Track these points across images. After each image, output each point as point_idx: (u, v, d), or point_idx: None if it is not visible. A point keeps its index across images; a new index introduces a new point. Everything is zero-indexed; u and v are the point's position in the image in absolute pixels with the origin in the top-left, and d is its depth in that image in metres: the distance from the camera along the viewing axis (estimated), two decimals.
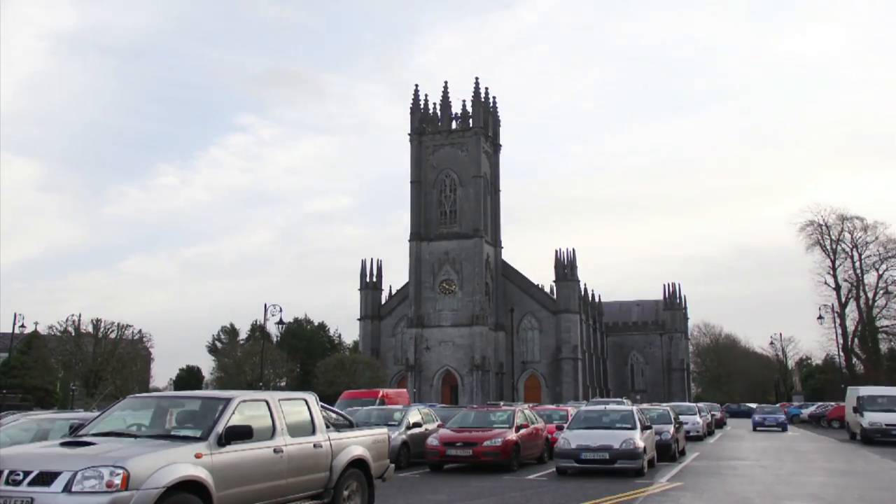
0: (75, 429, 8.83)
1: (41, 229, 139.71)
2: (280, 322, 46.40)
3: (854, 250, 62.96)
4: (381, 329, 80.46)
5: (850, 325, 63.40)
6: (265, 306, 43.86)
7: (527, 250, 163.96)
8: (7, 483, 7.04)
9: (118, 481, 6.86)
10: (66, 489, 6.84)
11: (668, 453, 20.25)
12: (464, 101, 78.92)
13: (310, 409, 9.82)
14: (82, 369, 51.77)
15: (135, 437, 8.24)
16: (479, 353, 72.42)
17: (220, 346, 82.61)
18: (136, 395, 10.77)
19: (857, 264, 62.61)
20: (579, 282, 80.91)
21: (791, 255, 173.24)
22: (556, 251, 78.79)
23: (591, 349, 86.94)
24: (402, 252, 77.53)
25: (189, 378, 78.80)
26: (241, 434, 8.18)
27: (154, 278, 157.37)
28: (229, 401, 8.65)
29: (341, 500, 9.77)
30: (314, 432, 9.60)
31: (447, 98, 79.29)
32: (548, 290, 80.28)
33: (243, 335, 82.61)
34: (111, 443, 7.77)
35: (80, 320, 52.97)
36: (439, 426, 20.85)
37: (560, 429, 19.90)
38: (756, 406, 56.92)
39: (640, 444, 16.55)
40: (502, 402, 44.46)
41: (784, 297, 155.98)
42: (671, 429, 20.99)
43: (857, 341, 63.55)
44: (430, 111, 79.55)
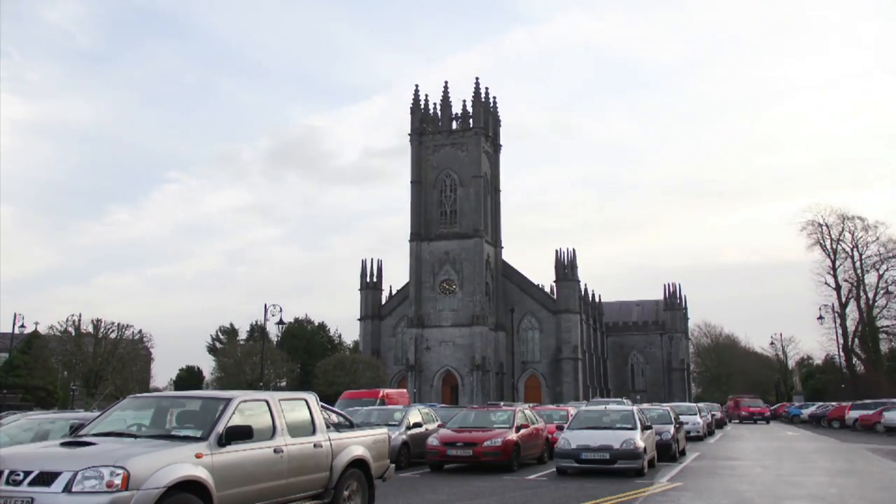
0: (75, 429, 8.82)
1: (21, 254, 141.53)
2: (280, 322, 46.46)
3: (854, 250, 63.02)
4: (382, 329, 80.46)
5: (851, 325, 63.44)
6: (265, 306, 43.93)
7: (527, 250, 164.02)
8: (7, 483, 7.03)
9: (118, 481, 6.85)
10: (67, 489, 6.84)
11: (668, 453, 20.23)
12: (464, 101, 79.05)
13: (310, 409, 9.82)
14: (82, 369, 51.79)
15: (135, 437, 8.23)
16: (480, 353, 72.42)
17: (219, 346, 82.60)
18: (137, 395, 10.76)
19: (858, 264, 62.67)
20: (579, 282, 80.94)
21: (791, 255, 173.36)
22: (557, 251, 78.95)
23: (591, 349, 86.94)
24: (403, 252, 77.69)
25: (189, 378, 78.76)
26: (241, 434, 8.17)
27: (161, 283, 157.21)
28: (229, 401, 8.65)
29: (341, 500, 9.76)
30: (314, 432, 9.60)
31: (447, 98, 79.31)
32: (548, 290, 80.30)
33: (243, 335, 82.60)
34: (111, 443, 7.77)
35: (80, 320, 53.06)
36: (439, 426, 20.84)
37: (560, 429, 19.90)
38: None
39: (641, 445, 16.54)
40: (502, 403, 44.45)
41: (784, 297, 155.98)
42: (671, 429, 20.97)
43: (857, 341, 63.58)
44: (431, 111, 79.58)
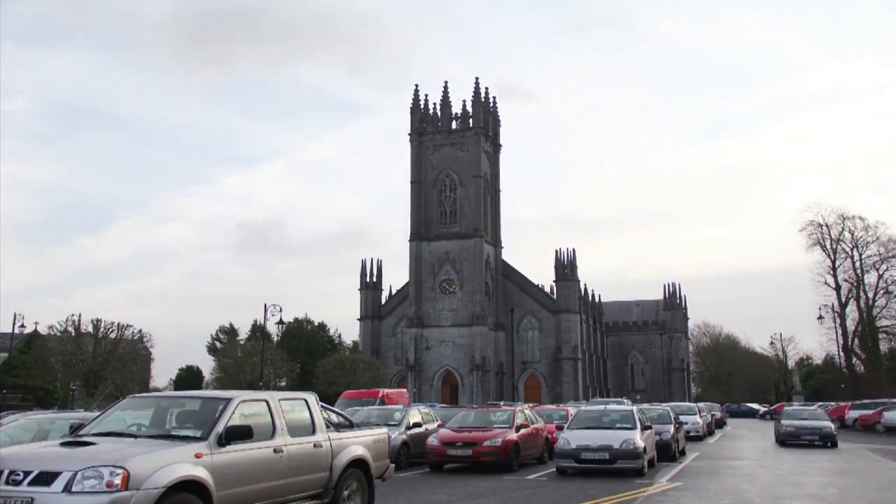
0: (75, 429, 8.82)
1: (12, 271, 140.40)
2: (280, 322, 46.44)
3: (854, 250, 63.03)
4: (381, 329, 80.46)
5: (851, 325, 63.44)
6: (265, 306, 43.92)
7: (527, 250, 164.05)
8: (7, 483, 7.03)
9: (118, 481, 6.85)
10: (67, 489, 6.84)
11: (668, 453, 20.24)
12: (464, 101, 79.00)
13: (310, 409, 9.82)
14: (82, 369, 51.76)
15: (135, 437, 8.23)
16: (479, 353, 72.41)
17: (219, 346, 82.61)
18: (136, 395, 10.76)
19: (858, 264, 62.69)
20: (579, 282, 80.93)
21: (791, 255, 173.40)
22: (556, 251, 78.93)
23: (591, 349, 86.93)
24: (403, 252, 77.68)
25: (189, 378, 78.74)
26: (241, 434, 8.17)
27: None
28: (229, 401, 8.65)
29: (341, 500, 9.76)
30: (314, 432, 9.60)
31: (447, 98, 79.28)
32: (548, 290, 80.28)
33: (243, 335, 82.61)
34: (111, 443, 7.77)
35: (80, 320, 53.01)
36: (439, 426, 20.84)
37: (560, 429, 19.91)
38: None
39: (640, 444, 16.55)
40: (502, 402, 44.45)
41: (784, 297, 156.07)
42: (671, 429, 20.98)
43: (857, 341, 63.59)
44: (430, 111, 79.56)
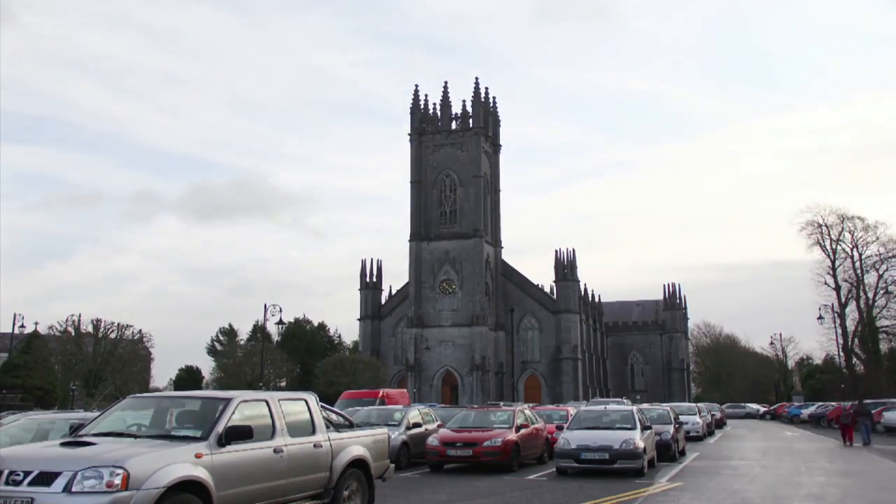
0: (75, 429, 8.82)
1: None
2: (280, 322, 46.38)
3: (854, 250, 62.96)
4: (381, 329, 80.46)
5: (851, 325, 63.37)
6: (265, 306, 43.87)
7: (527, 250, 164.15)
8: (7, 483, 7.04)
9: (118, 481, 6.86)
10: (67, 489, 6.85)
11: (668, 453, 20.25)
12: (464, 101, 79.03)
13: (310, 409, 9.82)
14: (82, 369, 51.79)
15: (135, 437, 8.23)
16: (479, 353, 72.41)
17: (219, 347, 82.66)
18: (136, 395, 10.76)
19: (858, 264, 62.61)
20: (579, 282, 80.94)
21: (791, 255, 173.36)
22: (556, 251, 78.96)
23: (591, 349, 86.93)
24: (403, 252, 77.70)
25: (189, 378, 78.74)
26: (241, 434, 8.18)
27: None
28: (229, 401, 8.65)
29: (341, 500, 9.76)
30: (314, 432, 9.60)
31: (447, 98, 79.28)
32: (548, 290, 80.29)
33: (243, 336, 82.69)
34: (111, 443, 7.77)
35: (80, 320, 53.06)
36: (439, 426, 20.84)
37: (560, 429, 19.91)
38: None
39: (640, 445, 16.55)
40: (502, 403, 44.47)
41: (784, 297, 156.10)
42: (671, 429, 20.99)
43: (857, 341, 63.53)
44: (430, 111, 79.56)
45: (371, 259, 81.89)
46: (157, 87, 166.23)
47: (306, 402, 9.92)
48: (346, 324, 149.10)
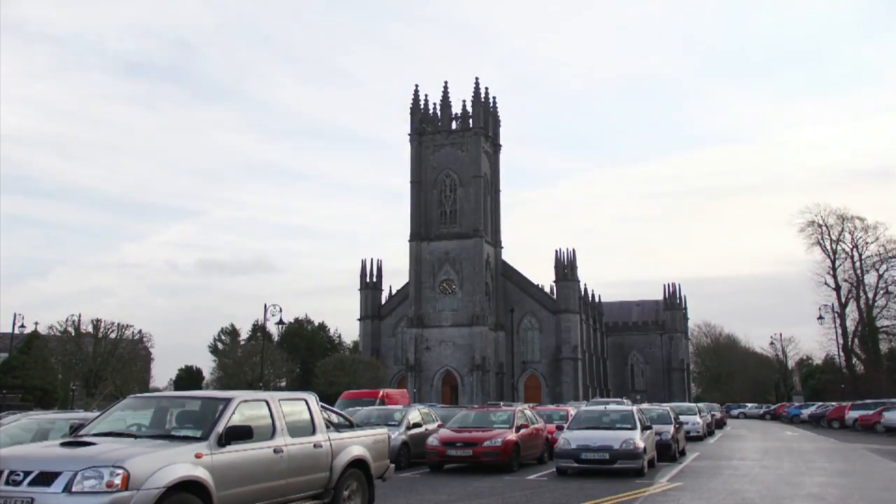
0: (75, 429, 8.83)
1: None
2: (280, 322, 46.41)
3: (854, 250, 63.04)
4: (382, 329, 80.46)
5: (851, 325, 63.42)
6: (265, 306, 43.90)
7: (527, 250, 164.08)
8: (7, 483, 7.04)
9: (118, 481, 6.85)
10: (67, 489, 6.84)
11: (668, 453, 20.24)
12: (464, 101, 78.97)
13: (310, 409, 9.82)
14: (82, 369, 51.75)
15: (135, 437, 8.23)
16: (479, 353, 72.39)
17: (221, 346, 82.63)
18: (137, 395, 10.75)
19: (858, 264, 62.68)
20: (579, 282, 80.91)
21: (791, 255, 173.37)
22: (556, 251, 78.94)
23: (591, 349, 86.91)
24: (403, 252, 77.67)
25: (189, 378, 78.74)
26: (241, 434, 8.18)
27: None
28: (229, 401, 8.65)
29: (341, 500, 9.77)
30: (314, 432, 9.60)
31: (447, 98, 79.24)
32: (548, 290, 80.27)
33: (244, 335, 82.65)
34: (111, 443, 7.77)
35: (80, 320, 53.02)
36: (439, 426, 20.84)
37: (560, 429, 19.90)
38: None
39: (640, 445, 16.55)
40: (502, 402, 44.45)
41: (784, 297, 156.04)
42: (671, 429, 20.98)
43: (857, 341, 63.57)
44: (430, 111, 79.52)
45: (371, 259, 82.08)
46: None
47: (306, 402, 9.92)
48: (346, 324, 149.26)
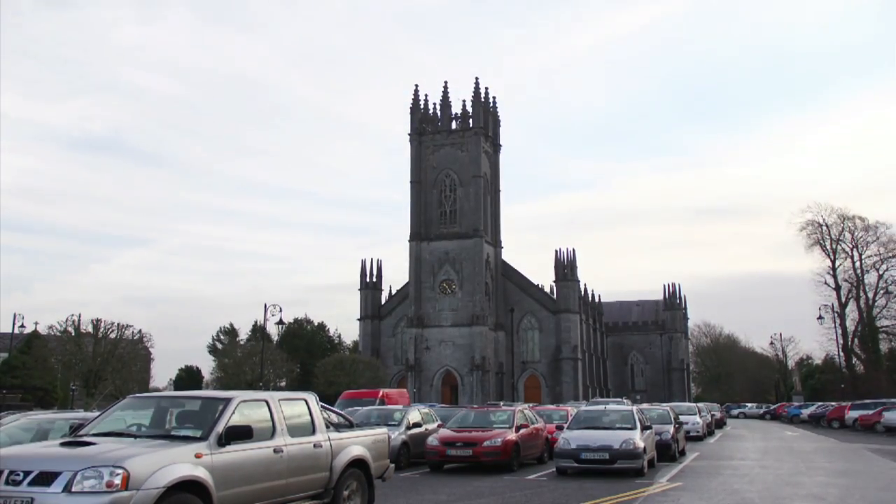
0: (75, 429, 8.83)
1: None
2: (280, 322, 46.40)
3: (854, 250, 63.06)
4: (381, 329, 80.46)
5: (851, 325, 63.44)
6: (265, 306, 43.90)
7: (527, 250, 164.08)
8: (7, 483, 7.03)
9: (118, 481, 6.85)
10: (66, 489, 6.84)
11: (668, 453, 20.25)
12: (464, 101, 78.97)
13: (310, 409, 9.82)
14: (82, 369, 51.71)
15: (135, 437, 8.23)
16: (479, 353, 72.39)
17: (220, 346, 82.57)
18: (136, 395, 10.75)
19: (858, 264, 62.72)
20: (579, 282, 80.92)
21: (792, 255, 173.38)
22: (556, 251, 78.95)
23: (591, 349, 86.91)
24: (403, 252, 77.67)
25: (189, 378, 78.71)
26: (241, 434, 8.18)
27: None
28: (229, 401, 8.65)
29: (341, 500, 9.77)
30: (314, 432, 9.60)
31: (447, 98, 79.23)
32: (548, 290, 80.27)
33: (243, 335, 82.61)
34: (111, 443, 7.76)
35: (80, 320, 52.96)
36: (439, 426, 20.85)
37: (560, 429, 19.90)
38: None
39: (640, 444, 16.55)
40: (502, 402, 44.47)
41: (784, 297, 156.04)
42: (671, 429, 20.99)
43: (857, 341, 63.58)
44: (430, 111, 79.51)
45: (371, 259, 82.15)
46: None
47: (306, 402, 9.92)
48: (346, 324, 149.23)
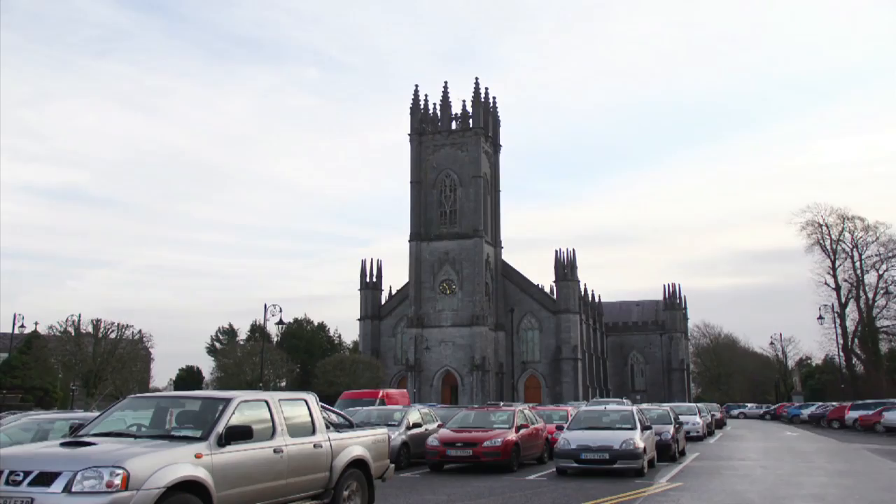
0: (75, 429, 8.83)
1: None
2: (280, 322, 46.39)
3: (854, 250, 63.01)
4: (381, 329, 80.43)
5: (850, 325, 63.41)
6: (265, 306, 43.88)
7: (527, 250, 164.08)
8: (7, 483, 7.03)
9: (118, 481, 6.85)
10: (66, 489, 6.84)
11: (668, 453, 20.25)
12: (464, 101, 78.85)
13: (310, 409, 9.82)
14: (82, 369, 51.72)
15: (135, 437, 8.23)
16: (479, 353, 72.38)
17: (218, 346, 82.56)
18: (137, 395, 10.75)
19: (858, 264, 62.68)
20: (579, 282, 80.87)
21: (791, 255, 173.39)
22: (556, 251, 78.88)
23: (591, 349, 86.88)
24: (403, 252, 77.66)
25: (189, 378, 78.73)
26: (241, 434, 8.18)
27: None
28: (229, 401, 8.65)
29: (341, 501, 9.77)
30: (314, 432, 9.60)
31: (447, 98, 79.17)
32: (548, 290, 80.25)
33: (243, 335, 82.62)
34: (111, 443, 7.77)
35: (80, 320, 52.97)
36: (439, 426, 20.84)
37: (560, 429, 19.89)
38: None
39: (640, 445, 16.55)
40: (502, 403, 44.43)
41: (784, 297, 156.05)
42: (671, 429, 20.99)
43: (857, 341, 63.55)
44: (430, 111, 79.50)
45: (371, 259, 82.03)
46: None
47: (306, 402, 9.92)
48: (346, 324, 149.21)
